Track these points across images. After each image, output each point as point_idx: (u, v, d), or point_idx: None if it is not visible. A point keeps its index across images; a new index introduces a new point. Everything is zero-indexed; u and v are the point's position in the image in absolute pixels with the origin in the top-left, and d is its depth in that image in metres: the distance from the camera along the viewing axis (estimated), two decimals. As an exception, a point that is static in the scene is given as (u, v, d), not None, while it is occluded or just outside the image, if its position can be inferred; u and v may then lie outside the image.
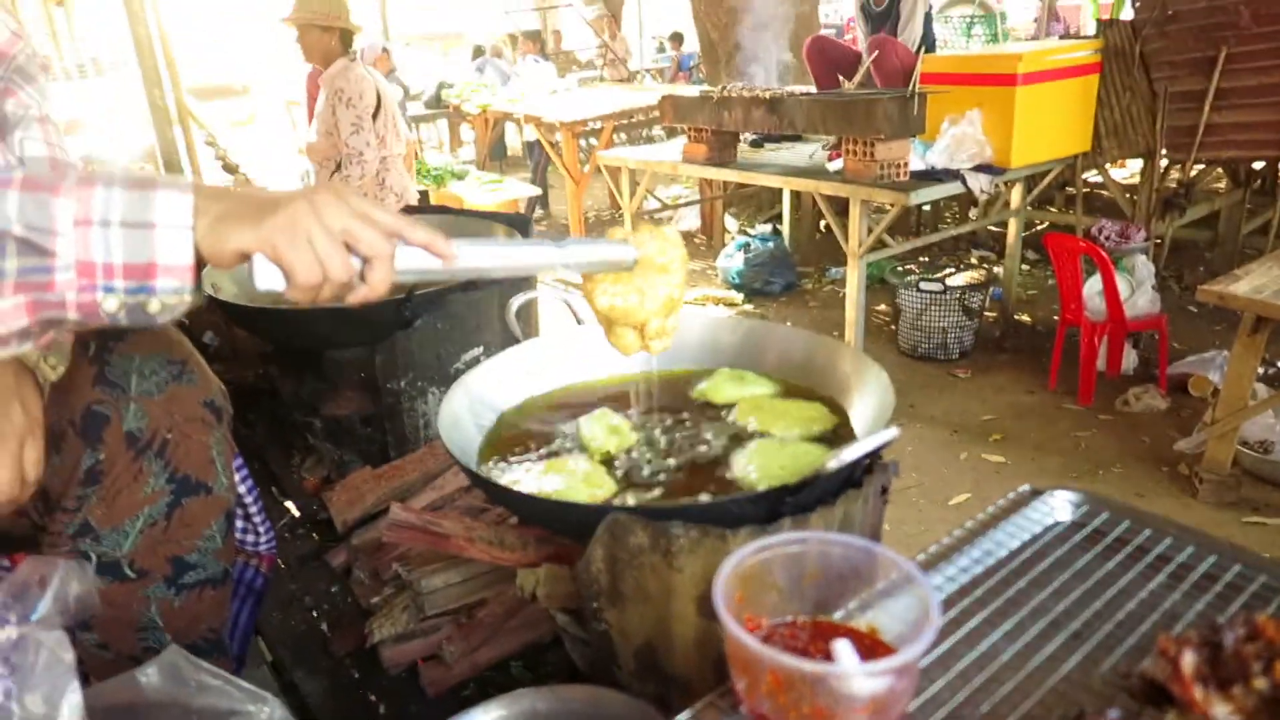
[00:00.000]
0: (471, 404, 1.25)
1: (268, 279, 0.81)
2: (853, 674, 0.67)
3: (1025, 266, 5.72)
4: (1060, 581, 0.93)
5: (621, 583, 0.94)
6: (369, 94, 4.01)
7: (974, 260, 6.23)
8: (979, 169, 4.09)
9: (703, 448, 1.19)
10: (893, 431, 0.94)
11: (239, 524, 1.38)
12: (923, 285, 4.63)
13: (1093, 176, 5.89)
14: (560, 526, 1.08)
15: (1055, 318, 4.58)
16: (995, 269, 5.82)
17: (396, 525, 1.20)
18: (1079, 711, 0.70)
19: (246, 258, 0.80)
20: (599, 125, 7.03)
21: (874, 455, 1.02)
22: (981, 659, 0.83)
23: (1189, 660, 0.70)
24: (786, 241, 6.25)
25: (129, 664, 0.95)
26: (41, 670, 0.72)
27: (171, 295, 0.76)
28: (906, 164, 3.99)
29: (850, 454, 0.93)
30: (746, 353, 1.42)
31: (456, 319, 1.77)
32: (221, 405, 1.11)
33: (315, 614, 1.63)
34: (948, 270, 5.99)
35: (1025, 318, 5.21)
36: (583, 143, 7.54)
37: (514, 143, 10.26)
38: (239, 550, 1.38)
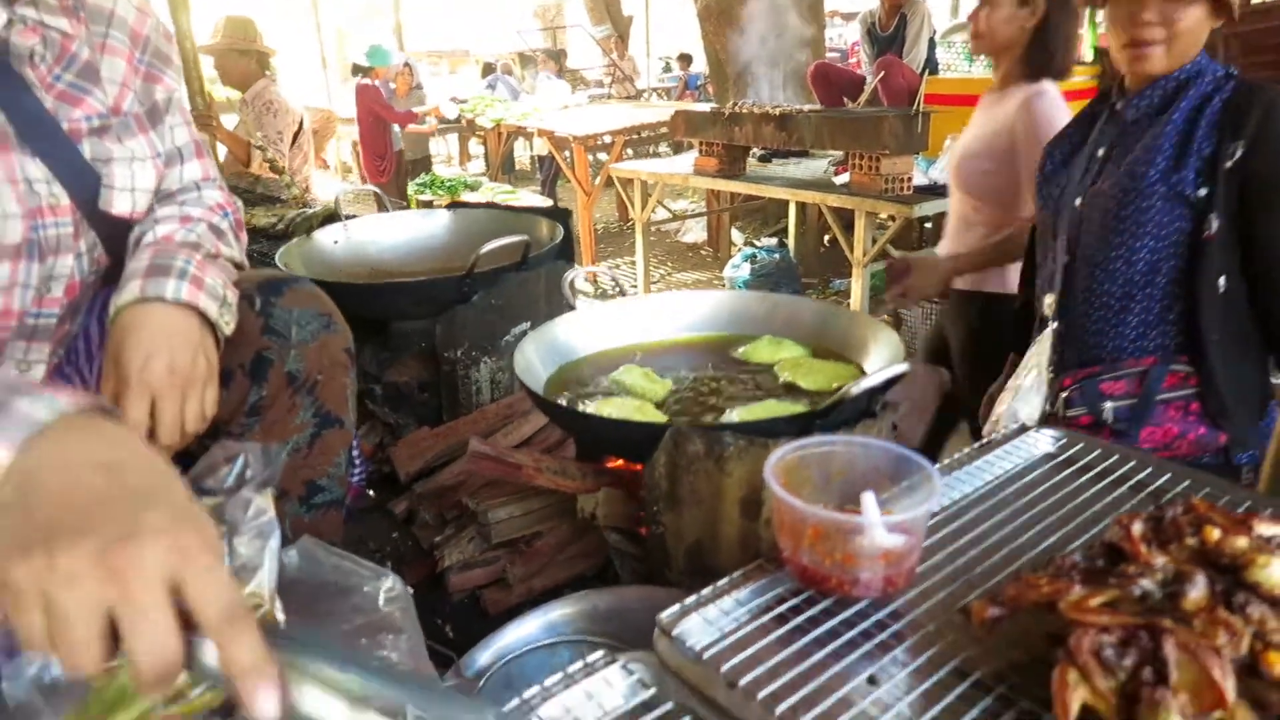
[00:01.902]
0: (539, 352, 1.46)
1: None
2: (875, 524, 0.87)
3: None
4: (1041, 491, 1.13)
5: (679, 487, 1.14)
6: (293, 110, 4.32)
7: (973, 275, 6.44)
8: (978, 184, 4.31)
9: (743, 391, 1.40)
10: (904, 366, 1.14)
11: None
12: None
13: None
14: (622, 446, 1.27)
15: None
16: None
17: (476, 456, 1.40)
18: (1049, 557, 0.90)
19: None
20: (610, 140, 7.28)
21: (886, 391, 1.22)
22: (974, 540, 1.02)
23: (1138, 527, 0.90)
24: (791, 254, 6.46)
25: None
26: (249, 521, 0.91)
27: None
28: (910, 179, 4.22)
29: (869, 381, 1.13)
30: (776, 321, 1.63)
31: (509, 295, 1.97)
32: (354, 351, 1.32)
33: (380, 555, 1.82)
34: (947, 284, 6.19)
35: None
36: (592, 157, 7.79)
37: (522, 156, 10.51)
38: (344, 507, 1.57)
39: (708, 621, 0.91)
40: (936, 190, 4.30)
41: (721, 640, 0.89)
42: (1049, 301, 1.73)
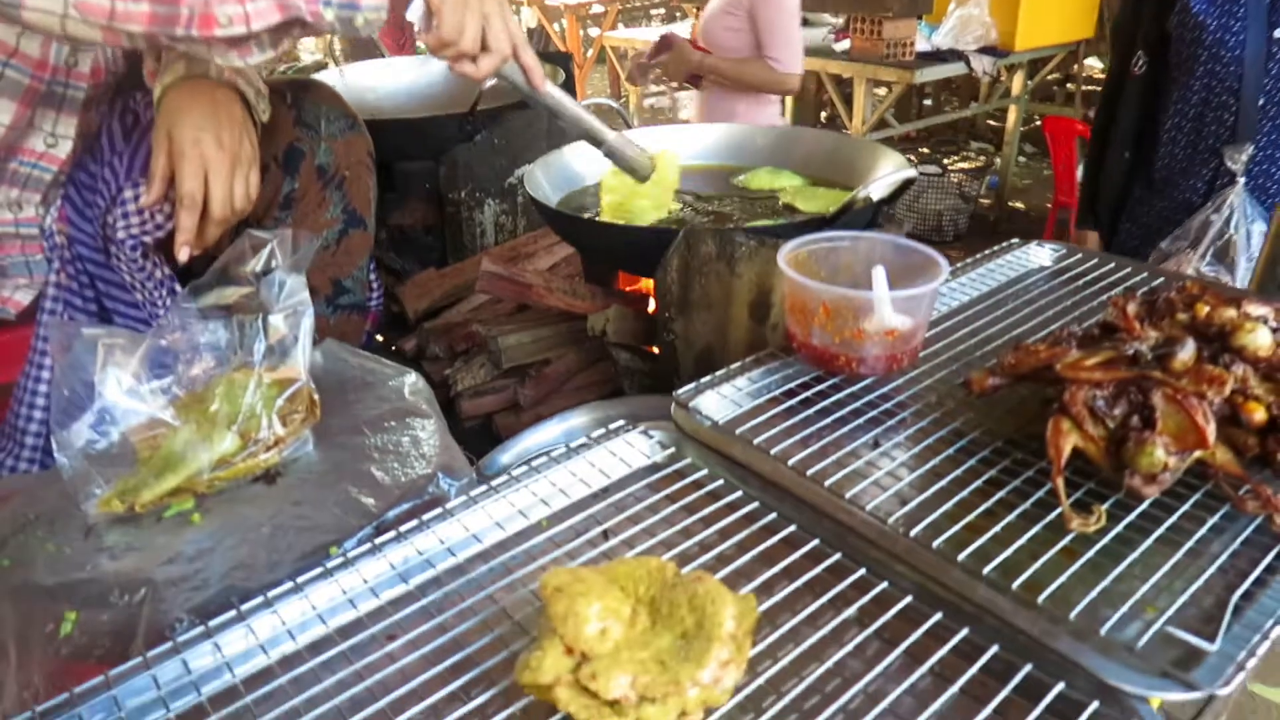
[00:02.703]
0: (548, 177, 1.47)
1: (416, 12, 1.02)
2: (884, 298, 0.91)
3: (1022, 159, 5.89)
4: (1039, 294, 1.17)
5: (690, 291, 1.18)
6: None
7: (972, 152, 6.38)
8: (983, 51, 4.24)
9: (744, 211, 1.42)
10: (910, 171, 1.17)
11: None
12: (921, 168, 4.80)
13: (1094, 62, 6.00)
14: (634, 257, 1.30)
15: (1048, 204, 4.78)
16: (993, 160, 5.99)
17: (487, 275, 1.43)
18: (1050, 332, 0.95)
19: None
20: (602, 9, 7.05)
21: (893, 204, 1.24)
22: (973, 333, 1.07)
23: (1132, 307, 0.94)
24: (789, 129, 6.37)
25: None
26: (284, 300, 0.95)
27: (372, 12, 0.96)
28: (912, 44, 4.13)
29: (875, 189, 1.15)
30: (779, 152, 1.63)
31: (511, 136, 1.96)
32: (375, 156, 1.34)
33: (391, 390, 1.88)
34: (947, 161, 6.14)
35: (1019, 204, 5.40)
36: (584, 32, 7.55)
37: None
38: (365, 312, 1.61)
39: (722, 396, 0.96)
40: (939, 56, 4.23)
41: (736, 410, 0.94)
42: (1240, 154, 1.67)
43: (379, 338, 2.13)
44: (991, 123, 6.04)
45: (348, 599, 0.71)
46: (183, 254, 1.05)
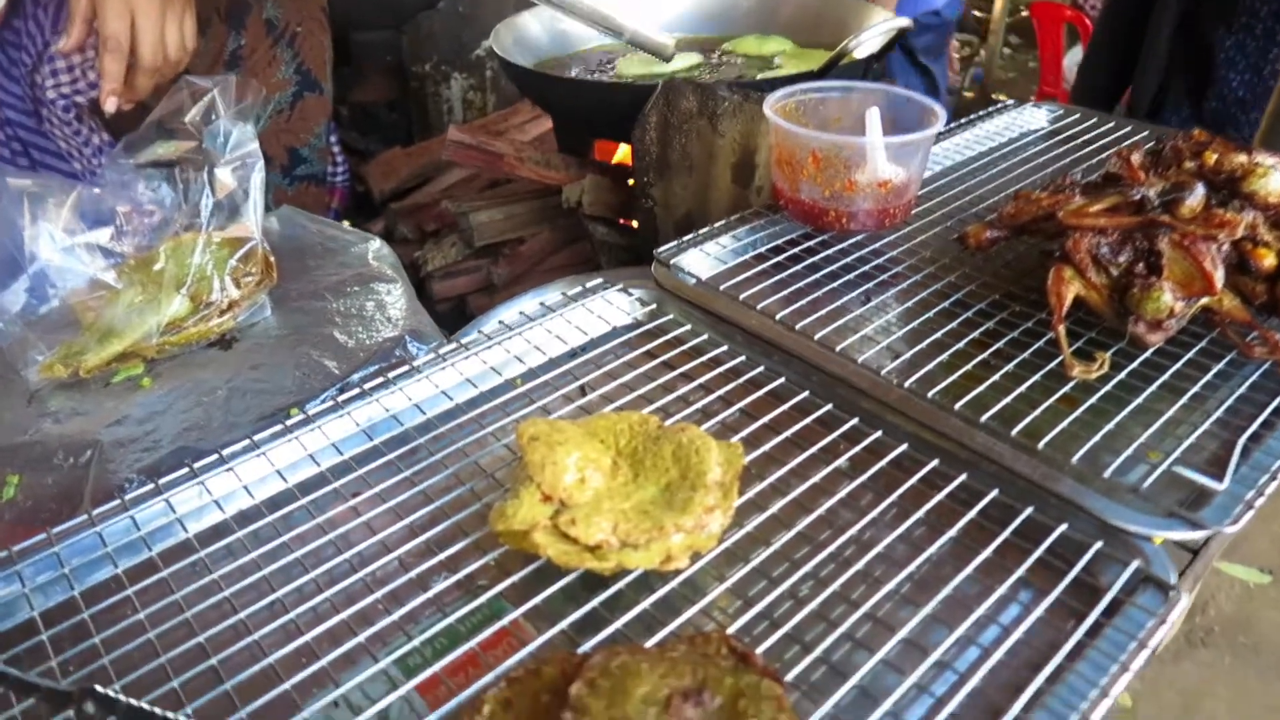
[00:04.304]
0: (517, 42, 1.38)
1: None
2: (877, 144, 0.85)
3: (1007, 50, 5.73)
4: (1037, 152, 1.12)
5: (670, 151, 1.11)
6: None
7: (957, 44, 6.20)
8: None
9: (734, 73, 1.34)
10: (903, 20, 1.09)
11: None
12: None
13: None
14: (610, 115, 1.22)
15: (1033, 97, 4.67)
16: (977, 52, 5.82)
17: (455, 145, 1.34)
18: (1051, 180, 0.90)
19: None
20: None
21: (882, 59, 1.17)
22: (967, 190, 1.02)
23: (1137, 157, 0.89)
24: None
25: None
26: (230, 152, 0.87)
27: None
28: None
29: (866, 36, 1.08)
30: (765, 16, 1.54)
31: (479, 3, 1.84)
32: (329, 14, 1.24)
33: (359, 275, 1.81)
34: (928, 52, 5.97)
35: (1003, 96, 5.28)
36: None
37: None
38: (324, 185, 1.52)
39: (705, 254, 0.90)
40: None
41: (720, 267, 0.89)
42: None
43: (345, 223, 2.05)
44: (976, 13, 5.84)
45: (309, 455, 0.67)
46: (109, 104, 0.96)
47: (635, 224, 1.29)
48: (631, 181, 1.25)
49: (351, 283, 0.99)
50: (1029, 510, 0.59)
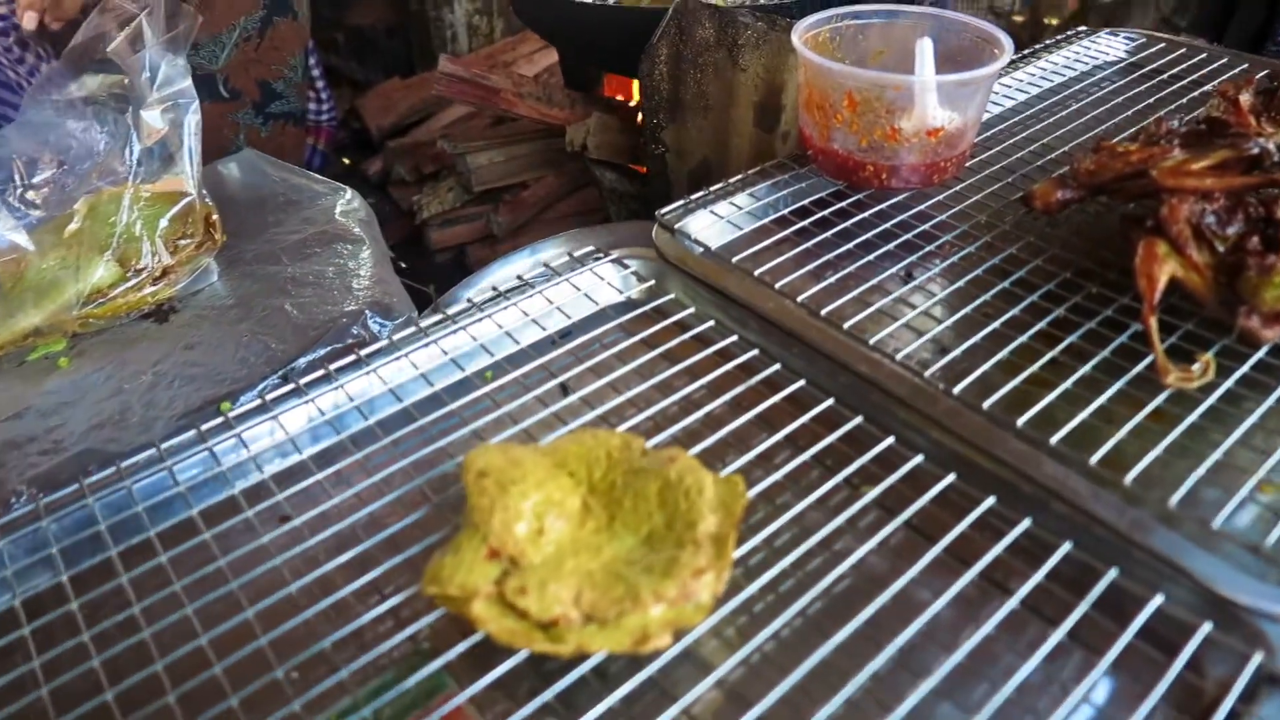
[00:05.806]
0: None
1: None
2: (929, 84, 0.70)
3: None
4: (1111, 88, 0.95)
5: (683, 88, 0.96)
6: None
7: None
8: None
9: None
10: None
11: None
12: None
13: None
14: (619, 45, 1.07)
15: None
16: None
17: (445, 77, 1.20)
18: (1141, 128, 0.74)
19: None
20: None
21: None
22: (1031, 135, 0.86)
23: (1245, 97, 0.73)
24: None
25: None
26: (158, 89, 0.74)
27: None
28: None
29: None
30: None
31: (483, -84, 1.67)
32: None
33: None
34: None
35: (1054, 20, 4.95)
36: None
37: None
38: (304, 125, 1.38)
39: (717, 217, 0.76)
40: None
41: (734, 233, 0.75)
42: None
43: (345, 160, 1.91)
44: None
45: (223, 472, 0.55)
46: (27, 20, 0.83)
47: (645, 170, 1.15)
48: (641, 120, 1.10)
49: (314, 242, 0.86)
50: (1112, 573, 0.46)
